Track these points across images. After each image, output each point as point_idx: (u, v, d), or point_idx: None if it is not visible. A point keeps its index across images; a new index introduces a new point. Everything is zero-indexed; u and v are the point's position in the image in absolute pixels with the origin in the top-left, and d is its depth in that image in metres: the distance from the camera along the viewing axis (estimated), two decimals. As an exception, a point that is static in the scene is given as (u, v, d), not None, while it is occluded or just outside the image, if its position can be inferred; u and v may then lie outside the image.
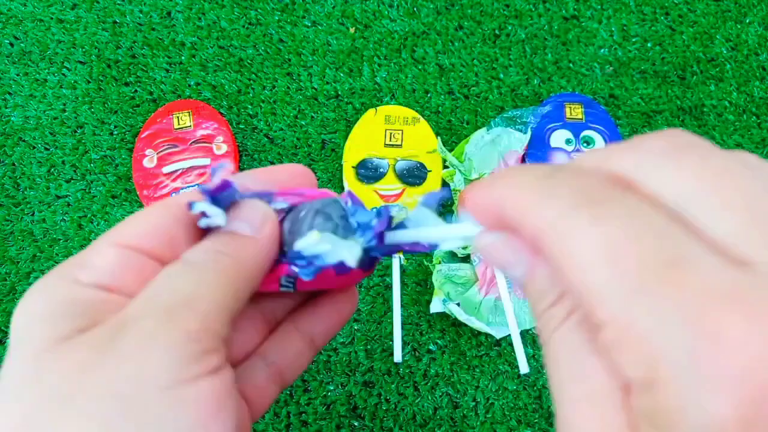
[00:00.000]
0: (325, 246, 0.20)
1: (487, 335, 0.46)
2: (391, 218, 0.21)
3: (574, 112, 0.52)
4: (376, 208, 0.21)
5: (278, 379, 0.24)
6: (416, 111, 0.52)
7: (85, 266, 0.18)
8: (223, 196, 0.20)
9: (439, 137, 0.50)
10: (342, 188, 0.50)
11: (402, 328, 0.46)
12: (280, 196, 0.22)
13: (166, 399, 0.16)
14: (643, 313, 0.12)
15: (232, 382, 0.18)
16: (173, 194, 0.48)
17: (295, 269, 0.21)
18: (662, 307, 0.12)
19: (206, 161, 0.49)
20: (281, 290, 0.22)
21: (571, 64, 0.55)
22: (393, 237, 0.21)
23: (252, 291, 0.20)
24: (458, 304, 0.45)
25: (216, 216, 0.20)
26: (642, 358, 0.12)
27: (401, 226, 0.21)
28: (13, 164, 0.51)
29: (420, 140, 0.51)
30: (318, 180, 0.51)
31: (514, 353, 0.45)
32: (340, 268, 0.21)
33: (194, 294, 0.18)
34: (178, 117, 0.51)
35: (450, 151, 0.50)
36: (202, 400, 0.16)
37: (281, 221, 0.21)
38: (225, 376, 0.17)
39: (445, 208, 0.50)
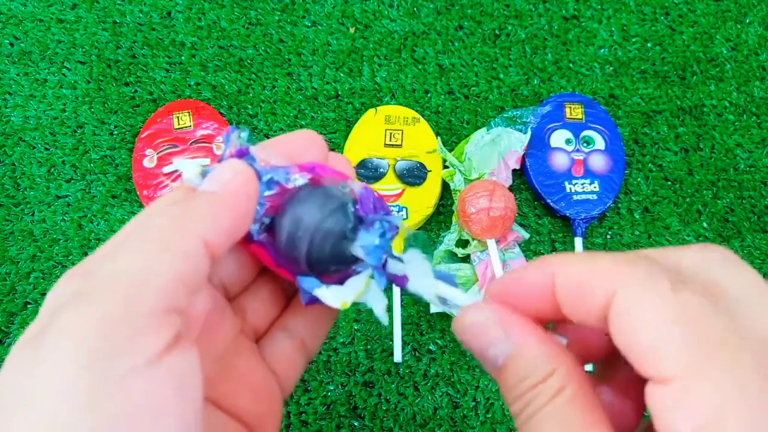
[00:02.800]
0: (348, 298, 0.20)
1: (487, 335, 0.46)
2: (395, 233, 0.21)
3: (574, 112, 0.52)
4: (379, 221, 0.20)
5: (302, 349, 0.23)
6: (416, 111, 0.52)
7: None
8: None
9: (439, 137, 0.50)
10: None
11: (402, 328, 0.46)
12: (297, 171, 0.21)
13: (82, 420, 0.14)
14: (716, 374, 0.14)
15: (180, 372, 0.15)
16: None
17: (304, 298, 0.21)
18: (735, 374, 0.14)
19: (206, 161, 0.49)
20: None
21: (571, 64, 0.55)
22: (395, 268, 0.21)
23: (216, 247, 0.17)
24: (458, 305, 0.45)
25: (187, 170, 0.20)
26: (706, 412, 0.14)
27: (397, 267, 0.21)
28: (13, 164, 0.51)
29: (420, 140, 0.51)
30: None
31: (514, 353, 0.45)
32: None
33: (127, 270, 0.15)
34: (178, 117, 0.51)
35: (450, 151, 0.50)
36: (123, 416, 0.14)
37: (290, 199, 0.21)
38: (167, 367, 0.15)
39: (429, 249, 0.51)
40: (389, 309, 0.46)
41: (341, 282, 0.21)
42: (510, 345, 0.18)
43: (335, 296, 0.20)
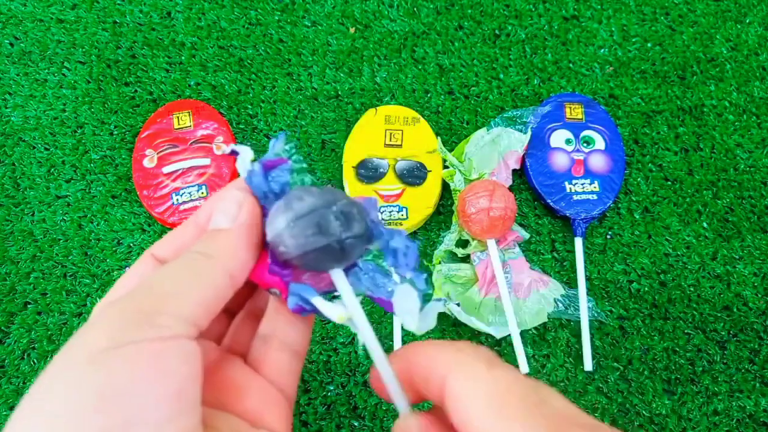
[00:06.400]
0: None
1: (487, 335, 0.46)
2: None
3: (574, 112, 0.52)
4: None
5: (285, 348, 0.24)
6: (416, 111, 0.52)
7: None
8: (275, 173, 0.22)
9: (439, 137, 0.50)
10: (342, 189, 0.50)
11: (402, 329, 0.46)
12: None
13: (97, 360, 0.16)
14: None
15: (188, 352, 0.18)
16: (173, 194, 0.48)
17: (292, 303, 0.21)
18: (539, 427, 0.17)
19: (206, 161, 0.49)
20: (270, 292, 0.22)
21: (571, 64, 0.55)
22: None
23: (238, 278, 0.20)
24: (458, 304, 0.45)
25: (243, 154, 0.22)
26: None
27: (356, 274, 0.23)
28: (13, 164, 0.51)
29: (420, 140, 0.51)
30: (318, 180, 0.51)
31: (514, 353, 0.45)
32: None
33: (164, 292, 0.19)
34: (178, 117, 0.51)
35: (450, 151, 0.50)
36: (139, 358, 0.17)
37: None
38: (177, 342, 0.18)
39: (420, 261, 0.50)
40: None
41: (328, 291, 0.22)
42: None
43: (333, 309, 0.21)
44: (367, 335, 0.21)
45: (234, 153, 0.22)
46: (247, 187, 0.22)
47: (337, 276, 0.21)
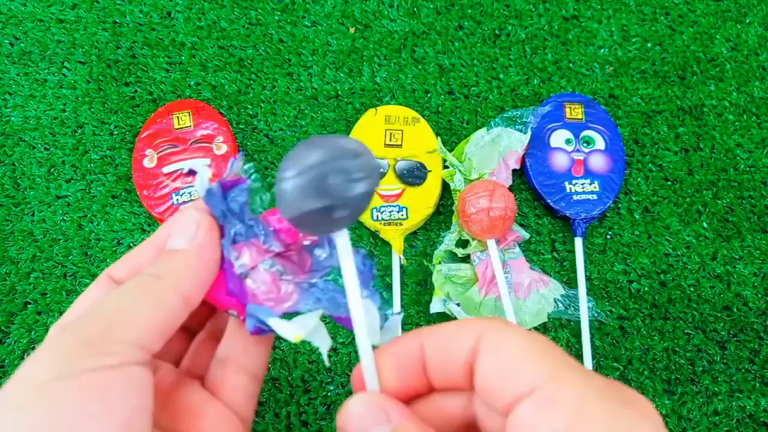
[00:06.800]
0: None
1: (487, 335, 0.46)
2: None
3: (574, 112, 0.52)
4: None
5: (242, 371, 0.23)
6: (416, 111, 0.52)
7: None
8: (234, 193, 0.21)
9: (439, 137, 0.50)
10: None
11: (402, 329, 0.46)
12: (279, 234, 0.22)
13: (44, 390, 0.16)
14: (575, 381, 0.17)
15: (136, 379, 0.18)
16: (173, 194, 0.48)
17: (250, 325, 0.21)
18: (591, 382, 0.17)
19: (206, 161, 0.49)
20: (228, 313, 0.22)
21: (571, 64, 0.55)
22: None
23: (192, 300, 0.20)
24: (458, 304, 0.45)
25: (201, 174, 0.22)
26: (570, 413, 0.16)
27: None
28: (13, 164, 0.51)
29: (420, 140, 0.51)
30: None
31: (514, 353, 0.45)
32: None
33: (114, 316, 0.18)
34: (178, 117, 0.51)
35: (450, 151, 0.50)
36: (85, 388, 0.16)
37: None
38: (124, 370, 0.17)
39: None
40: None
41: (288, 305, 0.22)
42: (390, 425, 0.20)
43: (288, 328, 0.21)
44: (353, 297, 0.20)
45: (192, 172, 0.22)
46: (206, 207, 0.22)
47: (341, 237, 0.20)
